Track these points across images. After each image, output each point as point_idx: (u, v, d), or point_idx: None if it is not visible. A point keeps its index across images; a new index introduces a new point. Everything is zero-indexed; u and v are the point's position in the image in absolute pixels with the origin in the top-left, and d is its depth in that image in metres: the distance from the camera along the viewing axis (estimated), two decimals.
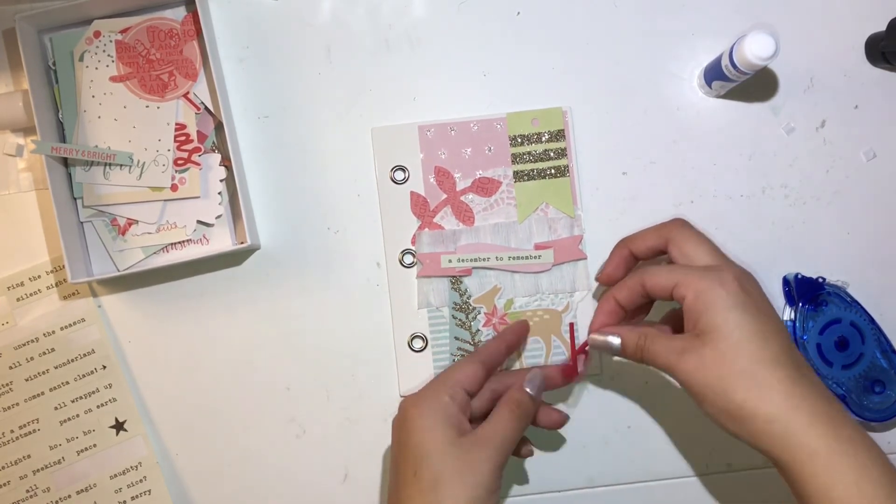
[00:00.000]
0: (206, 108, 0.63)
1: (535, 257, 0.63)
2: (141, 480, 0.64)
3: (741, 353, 0.48)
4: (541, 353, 0.64)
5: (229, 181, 0.63)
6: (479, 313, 0.64)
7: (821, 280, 0.62)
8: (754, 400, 0.48)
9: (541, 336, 0.64)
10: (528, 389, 0.56)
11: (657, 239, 0.56)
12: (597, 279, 0.63)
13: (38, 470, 0.64)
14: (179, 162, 0.62)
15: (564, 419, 0.59)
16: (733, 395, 0.48)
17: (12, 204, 0.65)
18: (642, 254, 0.58)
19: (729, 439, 0.51)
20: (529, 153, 0.64)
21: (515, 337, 0.61)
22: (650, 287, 0.54)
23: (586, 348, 0.59)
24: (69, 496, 0.64)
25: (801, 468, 0.47)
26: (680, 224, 0.56)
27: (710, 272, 0.51)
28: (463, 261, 0.63)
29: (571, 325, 0.64)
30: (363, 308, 0.64)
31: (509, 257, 0.63)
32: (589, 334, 0.58)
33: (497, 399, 0.56)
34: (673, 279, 0.52)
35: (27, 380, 0.64)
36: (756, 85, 0.64)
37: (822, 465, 0.46)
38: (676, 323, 0.58)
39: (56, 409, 0.64)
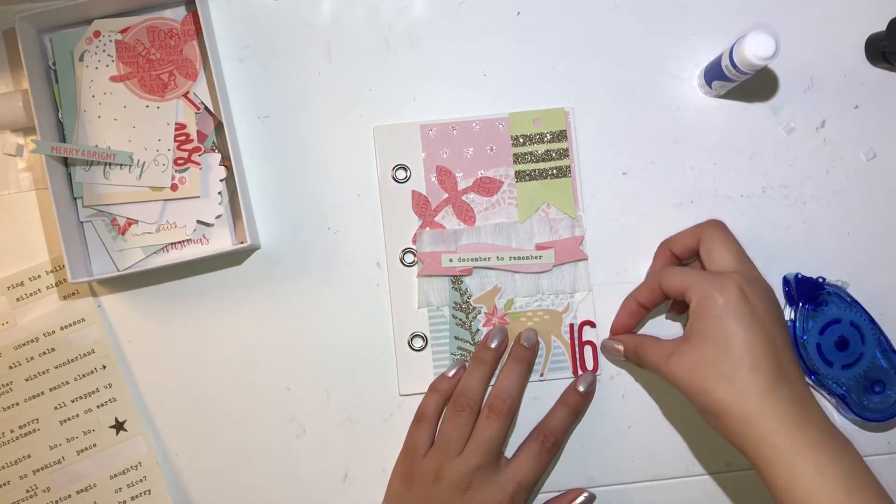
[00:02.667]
0: (206, 108, 0.63)
1: (536, 257, 0.63)
2: (141, 480, 0.64)
3: (724, 359, 0.52)
4: (541, 353, 0.64)
5: (229, 181, 0.63)
6: (480, 313, 0.64)
7: (821, 280, 0.62)
8: (731, 402, 0.52)
9: (541, 336, 0.64)
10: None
11: (692, 239, 0.59)
12: (627, 300, 0.64)
13: (38, 470, 0.64)
14: (179, 162, 0.62)
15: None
16: (713, 395, 0.52)
17: (12, 204, 0.65)
18: (681, 254, 0.61)
19: None
20: (531, 153, 0.64)
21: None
22: (666, 289, 0.58)
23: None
24: (69, 496, 0.64)
25: (769, 465, 0.51)
26: (713, 226, 0.58)
27: (715, 278, 0.54)
28: (464, 260, 0.63)
29: (571, 325, 0.64)
30: (363, 308, 0.64)
31: (510, 257, 0.63)
32: (609, 334, 0.64)
33: None
34: (684, 283, 0.56)
35: (27, 380, 0.64)
36: (756, 85, 0.64)
37: (786, 463, 0.50)
38: None
39: (56, 409, 0.64)
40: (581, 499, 0.63)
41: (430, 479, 0.59)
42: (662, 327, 0.64)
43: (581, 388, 0.62)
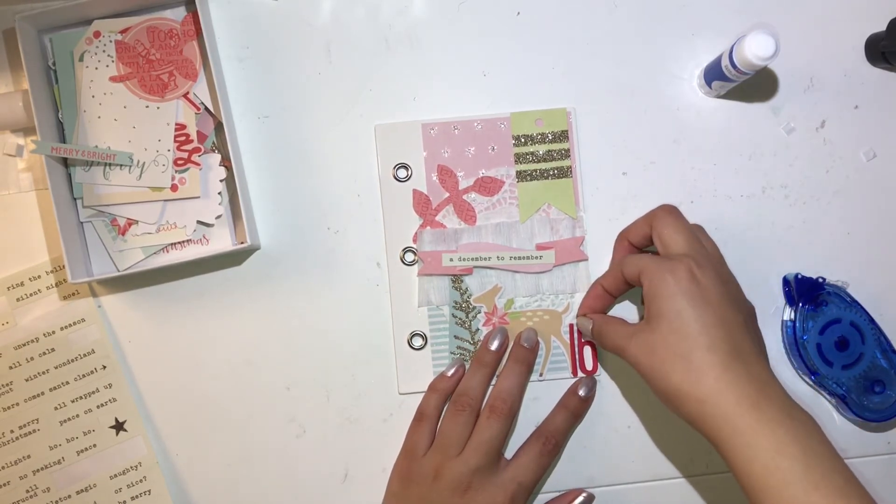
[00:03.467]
0: (206, 108, 0.63)
1: (537, 258, 0.63)
2: (141, 480, 0.64)
3: (680, 340, 0.52)
4: (540, 353, 0.64)
5: (229, 181, 0.63)
6: (480, 312, 0.64)
7: (821, 280, 0.62)
8: (688, 383, 0.52)
9: (541, 336, 0.64)
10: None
11: (645, 226, 0.59)
12: (591, 288, 0.64)
13: (38, 470, 0.64)
14: (179, 162, 0.62)
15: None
16: (671, 378, 0.52)
17: (12, 204, 0.65)
18: (638, 242, 0.61)
19: None
20: (532, 153, 0.64)
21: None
22: (626, 275, 0.58)
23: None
24: (69, 496, 0.64)
25: (727, 445, 0.50)
26: (663, 211, 0.58)
27: (665, 262, 0.54)
28: (464, 260, 0.63)
29: (571, 325, 0.64)
30: (363, 308, 0.64)
31: (510, 257, 0.63)
32: (577, 316, 0.63)
33: None
34: (638, 267, 0.56)
35: (27, 380, 0.64)
36: (756, 85, 0.64)
37: (744, 442, 0.49)
38: None
39: (56, 409, 0.64)
40: (580, 499, 0.63)
41: (429, 479, 0.59)
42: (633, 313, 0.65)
43: (581, 393, 0.63)
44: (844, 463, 0.49)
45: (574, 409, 0.62)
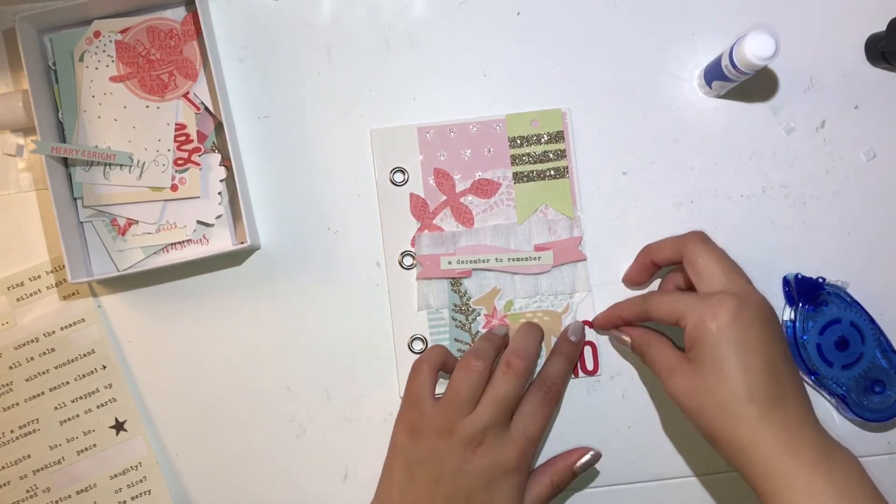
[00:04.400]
0: (206, 108, 0.63)
1: (535, 259, 0.63)
2: (141, 480, 0.64)
3: (720, 388, 0.52)
4: (541, 353, 0.64)
5: (229, 181, 0.63)
6: (479, 315, 0.64)
7: (821, 280, 0.62)
8: (726, 431, 0.52)
9: None
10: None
11: (673, 251, 0.59)
12: (622, 280, 0.64)
13: (38, 470, 0.64)
14: (179, 162, 0.62)
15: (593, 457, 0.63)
16: (710, 423, 0.53)
17: (12, 204, 0.65)
18: (662, 263, 0.61)
19: None
20: (529, 154, 0.64)
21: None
22: (656, 317, 0.57)
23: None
24: (69, 496, 0.64)
25: (763, 489, 0.51)
26: (695, 238, 0.57)
27: (706, 303, 0.53)
28: (462, 262, 0.63)
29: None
30: (363, 308, 0.64)
31: (509, 259, 0.63)
32: (599, 325, 0.64)
33: None
34: (675, 311, 0.55)
35: (27, 380, 0.64)
36: (756, 85, 0.64)
37: (780, 488, 0.50)
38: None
39: (56, 409, 0.64)
40: (587, 457, 0.61)
41: (441, 434, 0.57)
42: None
43: (573, 338, 0.62)
44: (881, 495, 0.50)
45: (568, 353, 0.62)
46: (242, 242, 0.62)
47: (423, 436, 0.57)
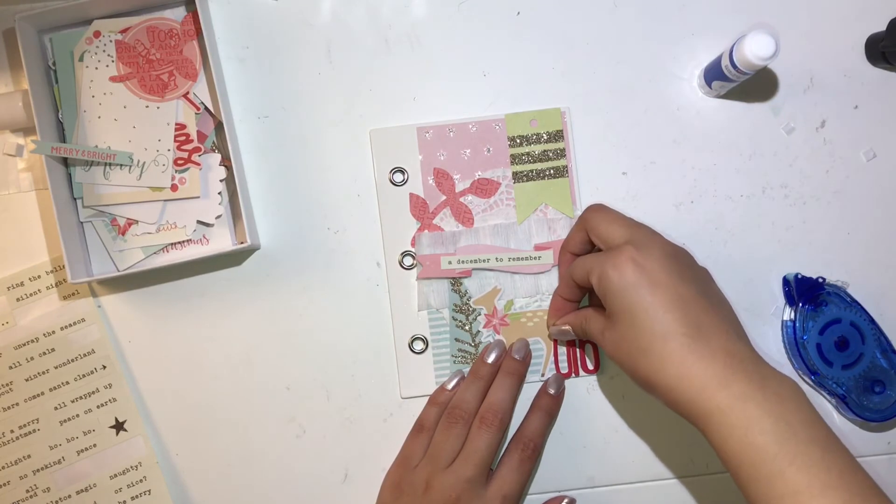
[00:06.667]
0: (206, 108, 0.63)
1: (535, 258, 0.63)
2: (141, 480, 0.64)
3: (637, 334, 0.52)
4: (542, 353, 0.64)
5: (229, 181, 0.63)
6: (480, 315, 0.64)
7: (821, 280, 0.62)
8: (654, 373, 0.51)
9: (541, 336, 0.64)
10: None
11: (580, 231, 0.59)
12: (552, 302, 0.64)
13: (38, 470, 0.64)
14: (179, 162, 0.62)
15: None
16: (639, 370, 0.52)
17: (12, 204, 0.65)
18: (580, 251, 0.60)
19: None
20: (528, 154, 0.64)
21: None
22: (576, 280, 0.57)
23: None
24: (69, 496, 0.64)
25: (703, 427, 0.50)
26: (591, 210, 0.58)
27: (605, 256, 0.54)
28: (463, 262, 0.63)
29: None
30: (363, 308, 0.64)
31: (509, 258, 0.63)
32: (548, 328, 0.63)
33: None
34: (584, 269, 0.55)
35: (27, 380, 0.64)
36: (756, 85, 0.64)
37: (716, 423, 0.49)
38: None
39: (56, 409, 0.64)
40: None
41: (419, 490, 0.58)
42: None
43: (552, 391, 0.62)
44: (826, 429, 0.48)
45: (547, 408, 0.62)
46: (242, 242, 0.62)
47: (404, 493, 0.59)
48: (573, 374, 0.64)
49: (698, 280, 0.54)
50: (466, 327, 0.64)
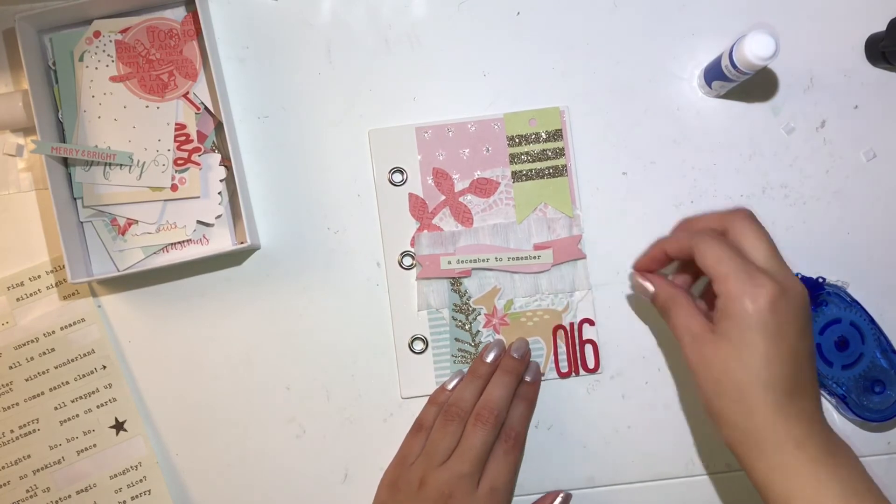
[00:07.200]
0: (206, 108, 0.63)
1: (535, 257, 0.63)
2: (141, 480, 0.64)
3: (740, 369, 0.51)
4: (542, 352, 0.64)
5: (229, 181, 0.63)
6: (480, 314, 0.64)
7: (821, 280, 0.62)
8: (736, 413, 0.51)
9: (541, 336, 0.64)
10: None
11: (718, 224, 0.56)
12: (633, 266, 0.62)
13: (38, 470, 0.64)
14: (179, 162, 0.62)
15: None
16: (721, 400, 0.52)
17: (12, 204, 0.65)
18: (679, 254, 0.58)
19: None
20: (527, 153, 0.64)
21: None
22: (699, 261, 0.54)
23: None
24: (69, 496, 0.64)
25: (764, 479, 0.51)
26: (743, 215, 0.55)
27: (749, 282, 0.51)
28: (462, 262, 0.63)
29: (572, 324, 0.64)
30: (363, 308, 0.64)
31: (508, 258, 0.63)
32: (633, 268, 0.62)
33: None
34: (717, 270, 0.52)
35: (27, 380, 0.64)
36: (756, 85, 0.64)
37: (783, 479, 0.50)
38: None
39: (56, 409, 0.64)
40: (558, 500, 0.63)
41: (414, 487, 0.58)
42: None
43: (528, 378, 0.62)
44: (882, 494, 0.50)
45: (525, 395, 0.62)
46: (242, 242, 0.62)
47: (400, 491, 0.59)
48: (573, 374, 0.64)
49: (811, 337, 0.53)
50: (466, 327, 0.64)
